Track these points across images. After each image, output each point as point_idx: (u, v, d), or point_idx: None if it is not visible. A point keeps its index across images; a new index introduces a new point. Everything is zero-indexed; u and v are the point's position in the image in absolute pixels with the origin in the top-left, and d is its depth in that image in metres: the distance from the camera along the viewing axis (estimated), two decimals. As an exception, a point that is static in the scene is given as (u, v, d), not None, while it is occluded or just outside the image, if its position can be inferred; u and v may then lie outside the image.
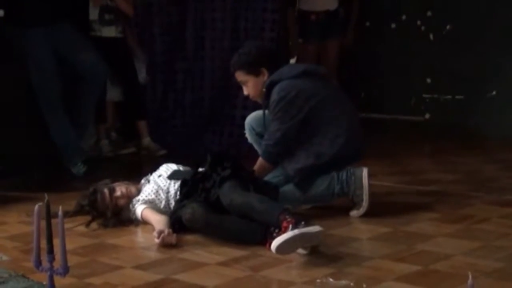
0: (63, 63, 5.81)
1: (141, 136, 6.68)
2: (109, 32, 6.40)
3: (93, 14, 6.34)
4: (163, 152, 6.52)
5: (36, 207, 2.78)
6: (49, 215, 2.81)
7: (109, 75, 6.34)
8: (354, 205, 4.33)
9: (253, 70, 4.40)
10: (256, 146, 4.73)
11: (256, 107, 4.88)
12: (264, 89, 4.41)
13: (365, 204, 4.29)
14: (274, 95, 4.31)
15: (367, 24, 8.12)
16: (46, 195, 2.78)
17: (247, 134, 4.78)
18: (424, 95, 7.82)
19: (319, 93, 4.33)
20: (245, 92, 4.55)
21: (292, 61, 7.49)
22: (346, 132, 4.33)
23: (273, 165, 4.47)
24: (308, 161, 4.32)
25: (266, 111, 4.47)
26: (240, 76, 4.48)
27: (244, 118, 6.54)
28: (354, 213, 4.33)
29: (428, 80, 7.77)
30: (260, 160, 4.47)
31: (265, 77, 4.41)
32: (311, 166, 4.32)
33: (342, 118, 4.36)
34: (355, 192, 4.30)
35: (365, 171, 4.29)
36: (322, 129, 4.32)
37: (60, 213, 2.76)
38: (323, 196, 4.36)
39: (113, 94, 6.64)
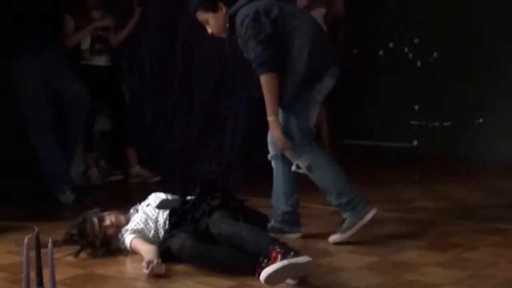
0: (49, 91, 5.84)
1: (130, 164, 6.70)
2: (99, 61, 6.48)
3: (84, 43, 6.40)
4: (157, 178, 6.55)
5: (26, 239, 2.79)
6: (39, 247, 2.82)
7: (99, 104, 6.40)
8: (339, 229, 4.38)
9: (210, 6, 4.42)
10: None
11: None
12: (227, 25, 4.42)
13: (349, 235, 4.33)
14: (238, 24, 4.32)
15: (355, 51, 8.19)
16: (35, 227, 2.79)
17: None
18: (412, 122, 7.87)
19: (274, 8, 4.33)
20: (209, 30, 4.52)
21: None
22: (309, 40, 4.30)
23: (275, 71, 4.27)
24: (289, 80, 4.29)
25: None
26: (200, 15, 4.48)
27: (232, 146, 6.64)
28: (334, 238, 4.38)
29: (416, 107, 7.82)
30: (263, 79, 4.29)
31: (223, 11, 4.42)
32: (291, 84, 4.30)
33: (303, 28, 4.34)
34: (351, 218, 4.33)
35: (373, 211, 4.35)
36: (289, 44, 4.30)
37: (49, 244, 2.77)
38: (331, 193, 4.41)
39: (103, 123, 6.67)
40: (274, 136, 4.40)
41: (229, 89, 6.73)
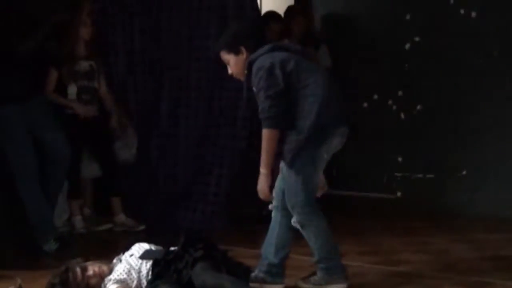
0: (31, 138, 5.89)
1: (115, 212, 6.70)
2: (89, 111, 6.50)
3: (71, 94, 6.44)
4: (141, 227, 6.56)
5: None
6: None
7: (86, 153, 6.45)
8: (307, 278, 4.53)
9: (233, 48, 4.55)
10: None
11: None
12: (245, 70, 4.54)
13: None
14: (253, 72, 4.43)
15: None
16: (18, 279, 2.80)
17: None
18: (395, 173, 7.90)
19: (291, 62, 4.41)
20: (229, 71, 4.66)
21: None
22: (320, 99, 4.37)
23: (277, 128, 4.37)
24: (293, 137, 4.37)
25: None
26: (223, 55, 4.62)
27: (217, 195, 6.66)
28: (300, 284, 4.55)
29: (400, 159, 7.86)
30: (264, 133, 4.38)
31: (244, 56, 4.53)
32: (295, 141, 4.36)
33: (315, 86, 4.41)
34: (321, 279, 4.50)
35: (343, 286, 4.52)
36: (300, 102, 4.38)
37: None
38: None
39: (89, 171, 6.69)
40: (260, 187, 4.45)
41: (214, 138, 6.77)
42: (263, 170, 4.42)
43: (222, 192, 6.66)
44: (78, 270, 4.35)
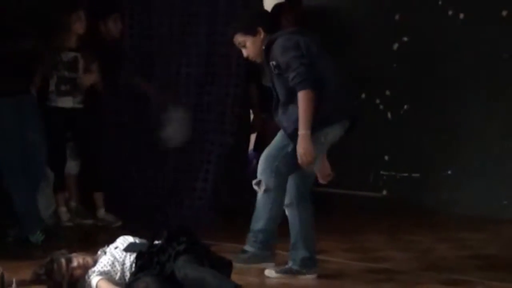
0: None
1: (96, 207, 6.75)
2: (66, 103, 6.51)
3: (51, 85, 6.46)
4: (118, 223, 6.61)
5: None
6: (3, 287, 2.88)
7: (69, 148, 6.50)
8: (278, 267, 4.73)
9: (250, 30, 4.66)
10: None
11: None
12: (263, 47, 4.63)
13: (279, 276, 4.70)
14: (277, 49, 4.54)
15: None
16: (0, 267, 2.85)
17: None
18: (382, 172, 7.98)
19: (312, 43, 4.59)
20: (245, 54, 4.75)
21: (253, 137, 7.64)
22: (333, 84, 4.54)
23: (314, 90, 4.47)
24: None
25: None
26: (238, 38, 4.71)
27: (204, 190, 6.72)
28: (268, 272, 4.72)
29: (386, 158, 7.94)
30: (302, 95, 4.47)
31: (261, 36, 4.65)
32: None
33: (330, 71, 4.57)
34: (292, 266, 4.71)
35: (312, 276, 4.71)
36: (325, 83, 4.53)
37: (14, 285, 2.83)
38: None
39: (71, 167, 6.73)
40: (302, 148, 4.49)
41: (202, 134, 6.83)
42: (302, 131, 4.48)
43: (209, 187, 6.72)
44: (63, 261, 4.39)
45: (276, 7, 7.77)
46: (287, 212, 4.76)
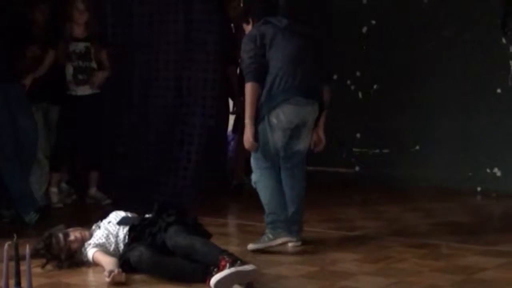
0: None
1: (90, 185, 7.10)
2: (84, 91, 6.91)
3: (68, 75, 6.89)
4: (108, 201, 6.96)
5: (6, 245, 3.18)
6: (17, 249, 3.22)
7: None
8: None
9: (245, 19, 5.30)
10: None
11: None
12: None
13: (261, 246, 4.98)
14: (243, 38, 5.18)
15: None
16: (15, 235, 3.18)
17: None
18: (354, 149, 8.30)
19: (269, 34, 5.01)
20: None
21: (232, 117, 7.91)
22: (278, 70, 4.96)
23: (257, 82, 4.97)
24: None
25: None
26: (244, 27, 5.33)
27: (186, 169, 7.04)
28: (250, 246, 4.99)
29: (358, 135, 8.25)
30: (246, 87, 5.00)
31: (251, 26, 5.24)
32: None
33: (276, 60, 4.97)
34: (267, 235, 4.98)
35: (287, 239, 5.01)
36: (271, 70, 4.98)
37: (27, 250, 3.17)
38: None
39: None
40: (245, 137, 5.01)
41: (183, 116, 7.10)
42: (246, 121, 5.00)
43: (192, 167, 7.01)
44: (60, 236, 4.74)
45: None
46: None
